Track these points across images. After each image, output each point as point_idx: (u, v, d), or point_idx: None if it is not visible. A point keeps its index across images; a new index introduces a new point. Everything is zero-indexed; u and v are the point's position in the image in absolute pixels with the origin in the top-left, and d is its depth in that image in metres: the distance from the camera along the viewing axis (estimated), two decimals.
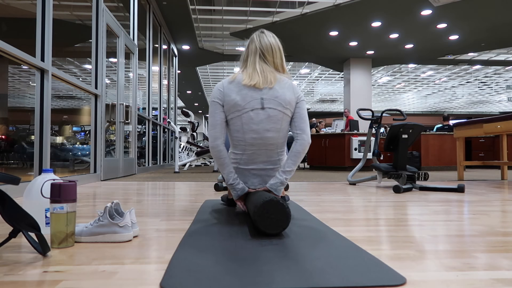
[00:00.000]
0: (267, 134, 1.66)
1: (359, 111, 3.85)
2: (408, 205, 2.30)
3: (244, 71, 1.71)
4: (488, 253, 1.15)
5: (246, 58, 1.75)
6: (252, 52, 1.73)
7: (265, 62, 1.71)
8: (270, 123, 1.66)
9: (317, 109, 24.01)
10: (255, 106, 1.64)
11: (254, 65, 1.69)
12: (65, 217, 1.19)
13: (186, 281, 0.86)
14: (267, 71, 1.68)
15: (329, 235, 1.37)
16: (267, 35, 1.76)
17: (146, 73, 6.89)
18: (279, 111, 1.66)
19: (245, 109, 1.64)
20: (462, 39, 9.24)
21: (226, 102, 1.66)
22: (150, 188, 3.43)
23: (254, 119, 1.64)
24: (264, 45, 1.73)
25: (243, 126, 1.65)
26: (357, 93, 11.32)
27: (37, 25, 3.04)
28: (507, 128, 3.93)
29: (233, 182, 1.67)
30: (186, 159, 7.46)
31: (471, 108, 23.69)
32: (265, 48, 1.72)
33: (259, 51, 1.72)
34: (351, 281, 0.87)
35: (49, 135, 3.07)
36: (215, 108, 1.67)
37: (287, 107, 1.68)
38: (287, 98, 1.67)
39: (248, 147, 1.68)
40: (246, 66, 1.72)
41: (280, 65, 1.75)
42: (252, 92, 1.64)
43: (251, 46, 1.75)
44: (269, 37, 1.76)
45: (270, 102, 1.65)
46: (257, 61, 1.70)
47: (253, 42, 1.75)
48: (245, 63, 1.74)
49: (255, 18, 8.50)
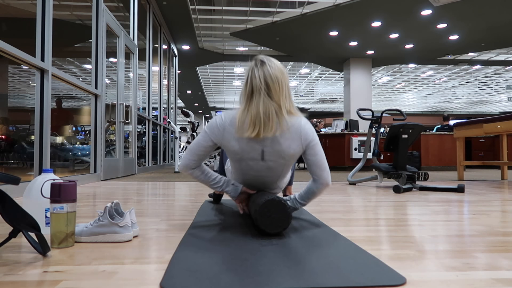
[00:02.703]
0: (265, 178, 1.59)
1: (359, 111, 3.85)
2: (408, 205, 2.30)
3: (247, 112, 1.45)
4: (488, 253, 1.15)
5: (249, 96, 1.47)
6: (256, 89, 1.45)
7: (270, 100, 1.44)
8: (270, 172, 1.55)
9: (317, 109, 24.00)
10: (254, 156, 1.50)
11: (258, 107, 1.42)
12: (65, 217, 1.19)
13: (186, 281, 0.86)
14: (272, 114, 1.42)
15: (329, 235, 1.37)
16: (271, 66, 1.47)
17: (146, 73, 6.89)
18: (281, 164, 1.53)
19: (243, 158, 1.51)
20: (462, 39, 9.24)
21: (222, 144, 1.52)
22: (150, 188, 3.43)
23: (252, 167, 1.53)
24: (268, 79, 1.44)
25: (241, 168, 1.57)
26: (357, 93, 11.32)
27: (37, 25, 3.04)
28: (507, 128, 3.93)
29: (222, 188, 1.59)
30: None
31: (471, 108, 23.68)
32: (270, 84, 1.44)
33: (264, 86, 1.44)
34: (351, 281, 0.87)
35: (49, 135, 3.07)
36: (206, 141, 1.51)
37: (291, 159, 1.53)
38: (291, 151, 1.48)
39: (246, 180, 1.62)
40: (249, 106, 1.45)
41: (287, 102, 1.48)
42: (253, 142, 1.47)
43: (254, 81, 1.46)
44: (272, 68, 1.46)
45: (272, 154, 1.49)
46: (261, 101, 1.43)
47: (255, 76, 1.46)
48: (248, 101, 1.47)
49: (255, 18, 8.49)
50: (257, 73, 1.46)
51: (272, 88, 1.44)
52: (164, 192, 3.03)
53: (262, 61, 1.49)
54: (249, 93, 1.47)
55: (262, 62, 1.48)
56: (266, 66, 1.46)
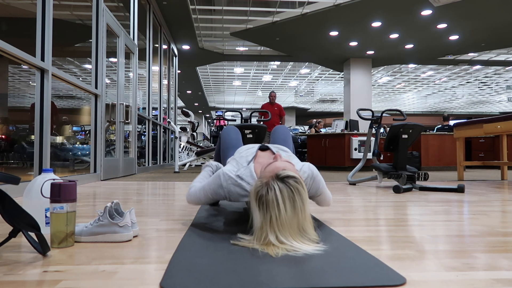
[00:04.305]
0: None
1: (359, 111, 3.85)
2: (408, 205, 2.30)
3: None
4: (488, 253, 1.15)
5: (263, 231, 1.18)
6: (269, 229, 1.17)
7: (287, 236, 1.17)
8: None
9: (317, 109, 24.01)
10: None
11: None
12: (65, 217, 1.19)
13: (186, 281, 0.86)
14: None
15: (329, 235, 1.37)
16: (286, 202, 1.17)
17: (146, 73, 6.89)
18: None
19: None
20: (462, 39, 9.24)
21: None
22: (150, 188, 3.43)
23: None
24: (283, 224, 1.16)
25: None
26: (357, 93, 11.32)
27: (37, 25, 3.04)
28: (507, 128, 3.93)
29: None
30: (186, 159, 7.46)
31: (471, 108, 23.69)
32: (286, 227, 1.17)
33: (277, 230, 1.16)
34: (351, 281, 0.87)
35: (49, 135, 3.07)
36: (214, 194, 1.45)
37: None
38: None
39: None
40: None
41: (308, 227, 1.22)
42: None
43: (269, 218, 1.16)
44: (287, 205, 1.17)
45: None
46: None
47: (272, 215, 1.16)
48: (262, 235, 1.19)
49: (255, 18, 8.50)
50: (275, 213, 1.17)
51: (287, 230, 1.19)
52: (164, 192, 3.03)
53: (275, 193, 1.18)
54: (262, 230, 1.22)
55: (276, 200, 1.18)
56: (282, 206, 1.17)
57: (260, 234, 1.17)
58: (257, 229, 1.19)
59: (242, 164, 1.52)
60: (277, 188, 1.17)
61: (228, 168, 1.48)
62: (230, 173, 1.43)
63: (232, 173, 1.43)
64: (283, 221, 1.15)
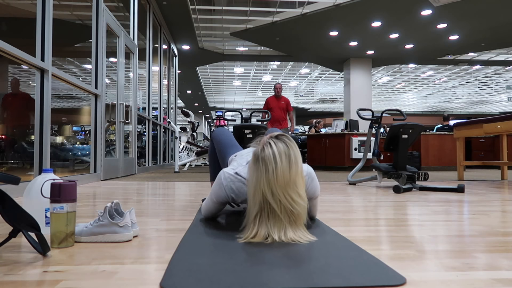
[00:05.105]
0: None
1: (359, 111, 3.85)
2: (408, 205, 2.30)
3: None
4: (488, 253, 1.15)
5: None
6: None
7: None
8: None
9: (317, 109, 24.01)
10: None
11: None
12: (65, 217, 1.19)
13: (186, 281, 0.86)
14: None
15: (329, 235, 1.37)
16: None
17: (146, 73, 6.89)
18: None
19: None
20: (462, 39, 9.24)
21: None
22: (150, 188, 3.43)
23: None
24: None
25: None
26: (357, 93, 11.32)
27: (37, 25, 3.04)
28: (507, 128, 3.93)
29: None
30: (186, 159, 7.46)
31: (471, 108, 23.69)
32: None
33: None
34: (351, 281, 0.87)
35: (49, 135, 3.07)
36: (218, 197, 1.48)
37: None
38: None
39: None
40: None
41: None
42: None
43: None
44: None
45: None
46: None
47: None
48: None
49: (255, 18, 8.49)
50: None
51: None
52: (164, 192, 3.02)
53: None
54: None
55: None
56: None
57: (254, 196, 1.24)
58: (251, 193, 1.25)
59: (241, 163, 1.54)
60: (273, 143, 1.25)
61: (227, 168, 1.52)
62: (229, 171, 1.47)
63: (231, 171, 1.48)
64: (279, 174, 1.21)
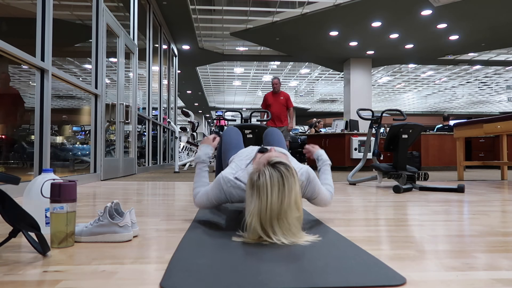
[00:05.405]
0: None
1: (359, 111, 3.85)
2: (408, 205, 2.30)
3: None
4: (488, 253, 1.15)
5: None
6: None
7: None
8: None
9: (317, 109, 24.01)
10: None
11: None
12: (65, 217, 1.19)
13: (186, 281, 0.86)
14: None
15: (329, 235, 1.37)
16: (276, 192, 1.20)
17: (146, 73, 6.88)
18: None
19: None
20: (462, 39, 9.24)
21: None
22: (150, 188, 3.43)
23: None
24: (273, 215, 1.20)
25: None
26: (357, 93, 11.32)
27: (37, 25, 3.04)
28: (507, 128, 3.93)
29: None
30: (186, 159, 7.46)
31: (471, 108, 23.68)
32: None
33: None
34: (351, 281, 0.87)
35: (49, 135, 3.07)
36: (217, 200, 1.51)
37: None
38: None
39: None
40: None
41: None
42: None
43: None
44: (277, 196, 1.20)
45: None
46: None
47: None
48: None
49: (255, 18, 8.49)
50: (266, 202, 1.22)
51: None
52: (164, 192, 3.02)
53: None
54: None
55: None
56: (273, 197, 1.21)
57: (250, 220, 1.21)
58: (247, 214, 1.22)
59: (240, 166, 1.53)
60: (267, 173, 1.21)
61: (227, 171, 1.51)
62: (229, 176, 1.47)
63: (231, 175, 1.47)
64: (270, 206, 1.18)
